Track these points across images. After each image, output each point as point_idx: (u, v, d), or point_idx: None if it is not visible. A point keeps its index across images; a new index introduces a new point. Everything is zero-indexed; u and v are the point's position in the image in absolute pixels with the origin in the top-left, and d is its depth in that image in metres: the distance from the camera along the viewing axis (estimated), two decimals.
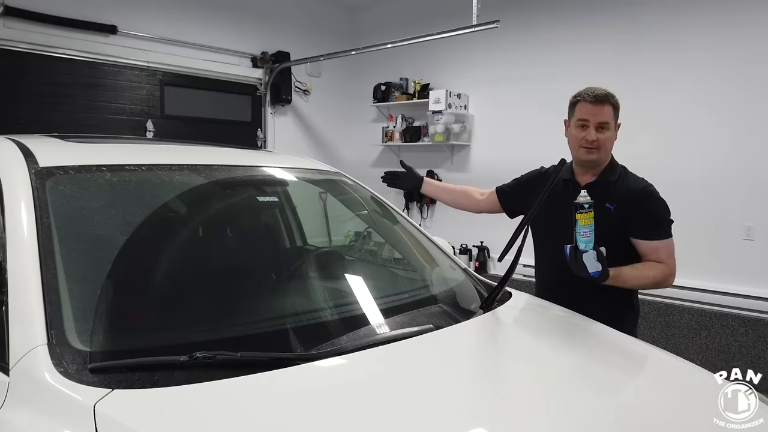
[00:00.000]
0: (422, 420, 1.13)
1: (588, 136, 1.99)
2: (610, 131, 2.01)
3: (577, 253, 1.82)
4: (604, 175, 2.06)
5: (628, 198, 1.99)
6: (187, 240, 1.82)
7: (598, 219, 1.93)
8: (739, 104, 4.01)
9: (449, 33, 4.56)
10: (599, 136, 1.99)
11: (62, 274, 1.29)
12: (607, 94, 2.01)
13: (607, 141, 2.01)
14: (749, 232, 4.01)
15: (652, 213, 1.98)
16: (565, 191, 2.05)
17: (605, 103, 1.99)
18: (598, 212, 1.98)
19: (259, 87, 6.17)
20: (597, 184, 2.04)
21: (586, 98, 2.01)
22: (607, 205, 1.99)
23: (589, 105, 2.00)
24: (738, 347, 3.89)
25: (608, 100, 1.99)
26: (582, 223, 1.83)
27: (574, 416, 1.22)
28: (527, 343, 1.67)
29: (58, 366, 1.11)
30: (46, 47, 4.71)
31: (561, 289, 2.02)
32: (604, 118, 1.99)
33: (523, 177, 2.35)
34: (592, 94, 2.00)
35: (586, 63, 4.72)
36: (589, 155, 2.02)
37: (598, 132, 1.99)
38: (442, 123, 5.58)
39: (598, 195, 2.00)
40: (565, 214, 2.02)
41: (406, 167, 2.52)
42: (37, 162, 1.54)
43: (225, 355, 1.20)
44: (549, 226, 2.09)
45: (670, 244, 1.99)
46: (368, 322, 1.55)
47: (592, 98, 2.00)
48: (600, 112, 1.99)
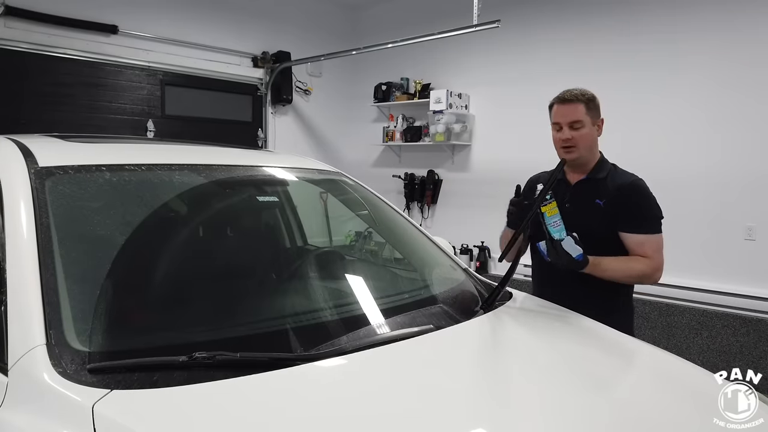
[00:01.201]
0: (423, 420, 1.13)
1: (562, 136, 2.04)
2: (585, 128, 2.03)
3: (555, 244, 1.86)
4: (593, 172, 2.09)
5: (617, 193, 2.01)
6: (187, 240, 1.81)
7: (588, 215, 1.96)
8: (741, 104, 4.00)
9: (450, 33, 4.55)
10: (574, 134, 2.02)
11: (61, 274, 1.28)
12: (576, 93, 2.04)
13: (583, 138, 2.03)
14: (750, 232, 4.00)
15: (639, 206, 2.00)
16: (558, 191, 2.05)
17: (575, 102, 2.02)
18: (587, 209, 2.01)
19: (259, 87, 6.17)
20: (587, 182, 2.08)
21: (556, 101, 2.08)
22: (597, 201, 2.02)
23: (559, 106, 2.07)
24: (739, 347, 3.89)
25: (578, 99, 2.02)
26: (549, 214, 1.89)
27: (574, 416, 1.22)
28: (528, 344, 1.66)
29: (57, 366, 1.11)
30: (47, 47, 4.72)
31: (557, 287, 2.03)
32: (575, 116, 2.02)
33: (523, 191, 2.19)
34: (561, 96, 2.07)
35: (587, 63, 4.72)
36: (569, 154, 2.05)
37: (572, 130, 2.02)
38: (442, 123, 5.58)
39: (588, 192, 2.05)
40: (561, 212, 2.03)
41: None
42: (37, 162, 1.53)
43: (224, 356, 1.19)
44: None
45: (658, 240, 1.99)
46: (368, 323, 1.55)
47: (560, 100, 2.06)
48: (570, 111, 2.02)
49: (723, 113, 4.08)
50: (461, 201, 5.72)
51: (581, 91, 2.06)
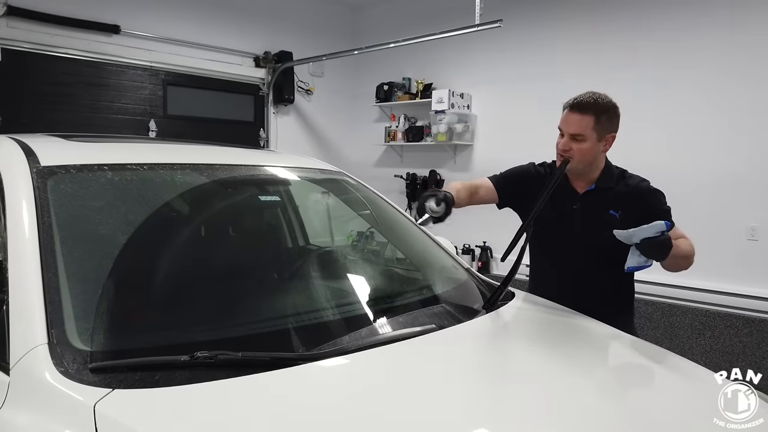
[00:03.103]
0: (425, 420, 1.13)
1: (561, 143, 1.95)
2: (586, 143, 1.90)
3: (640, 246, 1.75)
4: (601, 181, 2.00)
5: (629, 200, 1.96)
6: (188, 239, 1.81)
7: (603, 227, 1.89)
8: (745, 103, 3.99)
9: (452, 32, 4.55)
10: (573, 146, 1.91)
11: (63, 274, 1.28)
12: (590, 102, 1.89)
13: (581, 152, 1.91)
14: (753, 232, 3.99)
15: (654, 207, 1.93)
16: (562, 197, 2.01)
17: (584, 113, 1.88)
18: (602, 220, 1.95)
19: (261, 87, 6.17)
20: (596, 191, 2.01)
21: (568, 106, 1.94)
22: (611, 212, 1.96)
23: (568, 113, 1.93)
24: (742, 348, 3.88)
25: (589, 110, 1.88)
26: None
27: (575, 416, 1.21)
28: (530, 343, 1.66)
29: (59, 365, 1.11)
30: (49, 47, 4.72)
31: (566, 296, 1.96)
32: (578, 129, 1.89)
33: (514, 170, 2.20)
34: (573, 102, 1.92)
35: (590, 62, 4.71)
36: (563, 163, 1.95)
37: (572, 141, 1.91)
38: (444, 123, 5.57)
39: (598, 202, 1.98)
40: (569, 221, 2.01)
41: (448, 199, 2.00)
42: (39, 161, 1.53)
43: (226, 355, 1.19)
44: (551, 233, 2.04)
45: (677, 229, 1.92)
46: (370, 322, 1.55)
47: (571, 106, 1.92)
48: (576, 122, 1.89)
49: (728, 112, 4.07)
50: None
51: (597, 100, 1.90)
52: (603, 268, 1.98)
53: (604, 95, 1.94)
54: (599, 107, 1.89)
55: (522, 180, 2.16)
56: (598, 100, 1.91)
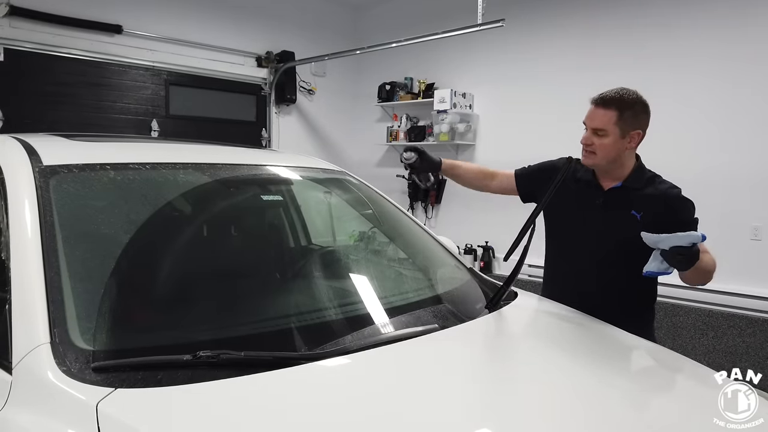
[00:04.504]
0: (427, 420, 1.12)
1: (584, 138, 1.95)
2: (608, 138, 1.89)
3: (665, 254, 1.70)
4: (628, 181, 1.96)
5: (654, 204, 1.90)
6: (191, 239, 1.81)
7: (624, 226, 1.87)
8: (748, 103, 3.98)
9: (454, 32, 4.54)
10: (594, 140, 1.91)
11: (65, 273, 1.28)
12: (615, 98, 1.88)
13: (603, 147, 1.90)
14: (757, 232, 3.98)
15: (681, 216, 1.86)
16: (587, 194, 1.99)
17: (608, 108, 1.88)
18: (623, 218, 1.92)
19: (263, 86, 6.17)
20: (621, 189, 1.97)
21: (593, 101, 1.94)
22: (633, 212, 1.92)
23: (592, 108, 1.93)
24: (745, 348, 3.87)
25: (613, 105, 1.88)
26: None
27: (576, 415, 1.21)
28: (532, 343, 1.66)
29: (61, 365, 1.11)
30: (51, 47, 4.73)
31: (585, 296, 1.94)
32: (600, 124, 1.89)
33: (539, 164, 2.21)
34: (598, 97, 1.92)
35: (592, 60, 4.69)
36: (586, 159, 1.96)
37: (594, 136, 1.91)
38: (446, 122, 5.56)
39: (622, 200, 1.95)
40: (591, 217, 1.98)
41: (420, 151, 2.28)
42: (41, 160, 1.53)
43: (229, 355, 1.19)
44: (573, 230, 2.03)
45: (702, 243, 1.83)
46: (373, 322, 1.55)
47: (596, 101, 1.92)
48: (598, 116, 1.90)
49: (730, 112, 4.06)
50: (465, 201, 5.70)
51: (623, 95, 1.89)
52: (620, 267, 1.94)
53: (633, 91, 1.93)
54: (623, 103, 1.88)
55: (540, 175, 2.14)
56: (623, 95, 1.89)
